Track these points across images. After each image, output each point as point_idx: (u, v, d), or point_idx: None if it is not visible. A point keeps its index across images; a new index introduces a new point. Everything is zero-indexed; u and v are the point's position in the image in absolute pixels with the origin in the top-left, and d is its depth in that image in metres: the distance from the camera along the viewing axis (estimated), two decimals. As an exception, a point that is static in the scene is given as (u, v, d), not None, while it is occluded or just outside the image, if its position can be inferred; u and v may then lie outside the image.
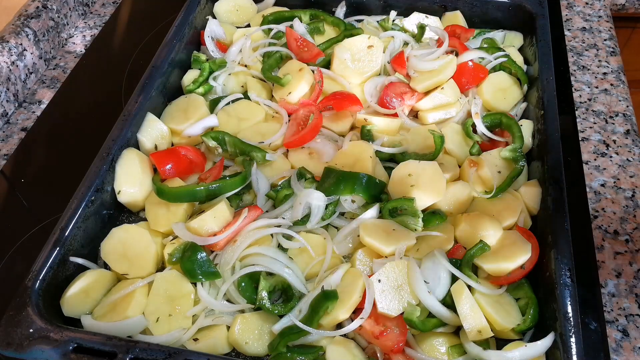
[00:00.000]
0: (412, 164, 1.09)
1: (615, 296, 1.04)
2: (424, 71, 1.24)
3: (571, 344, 0.84)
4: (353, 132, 1.21)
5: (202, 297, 0.98)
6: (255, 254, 1.01)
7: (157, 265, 1.04)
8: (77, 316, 0.97)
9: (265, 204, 1.11)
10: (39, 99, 1.45)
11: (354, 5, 1.49)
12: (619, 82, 1.39)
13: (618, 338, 0.99)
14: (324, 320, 0.94)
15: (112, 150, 1.09)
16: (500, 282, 0.98)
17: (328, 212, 1.06)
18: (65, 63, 1.55)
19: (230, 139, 1.16)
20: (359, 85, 1.28)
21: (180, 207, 1.07)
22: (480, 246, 0.99)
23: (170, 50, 1.28)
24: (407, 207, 1.03)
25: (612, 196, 1.18)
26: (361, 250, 1.02)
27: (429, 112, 1.21)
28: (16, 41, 1.42)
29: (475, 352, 0.89)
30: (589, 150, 1.26)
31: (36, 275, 0.93)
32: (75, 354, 0.85)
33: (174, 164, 1.12)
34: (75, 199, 1.02)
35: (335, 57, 1.29)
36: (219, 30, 1.42)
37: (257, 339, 0.95)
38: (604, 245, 1.11)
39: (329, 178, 1.08)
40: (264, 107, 1.26)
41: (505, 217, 1.04)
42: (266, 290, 0.97)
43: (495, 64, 1.29)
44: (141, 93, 1.19)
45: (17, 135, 1.37)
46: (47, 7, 1.53)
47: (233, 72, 1.33)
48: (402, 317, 0.93)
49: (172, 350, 0.85)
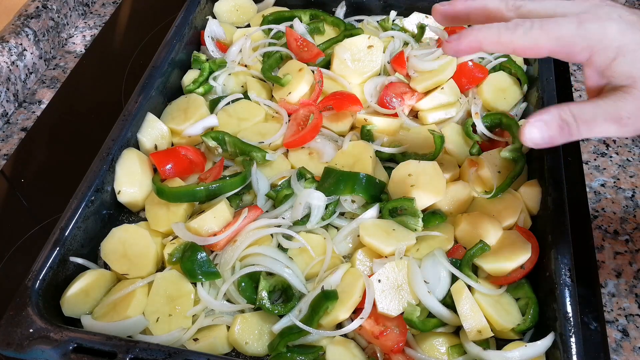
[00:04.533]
0: (412, 164, 1.09)
1: (615, 296, 1.04)
2: (424, 71, 1.24)
3: (571, 344, 0.84)
4: (353, 132, 1.22)
5: (202, 297, 0.98)
6: (255, 254, 1.01)
7: (157, 265, 1.04)
8: (77, 316, 0.97)
9: (265, 204, 1.11)
10: (39, 99, 1.45)
11: (354, 5, 1.49)
12: (619, 82, 1.39)
13: (618, 338, 0.99)
14: (324, 320, 0.94)
15: (112, 150, 1.09)
16: (500, 282, 0.98)
17: (328, 212, 1.06)
18: (65, 63, 1.55)
19: (230, 139, 1.16)
20: (359, 85, 1.28)
21: (180, 207, 1.07)
22: (480, 246, 0.99)
23: (170, 50, 1.28)
24: (407, 207, 1.03)
25: (612, 196, 1.18)
26: (361, 250, 1.02)
27: (429, 112, 1.21)
28: (16, 41, 1.42)
29: (475, 352, 0.89)
30: (589, 150, 1.26)
31: (36, 275, 0.93)
32: (75, 354, 0.85)
33: (174, 164, 1.12)
34: (75, 199, 1.02)
35: (335, 57, 1.29)
36: (219, 30, 1.42)
37: (257, 339, 0.95)
38: (604, 245, 1.11)
39: (329, 178, 1.08)
40: (264, 107, 1.26)
41: (505, 217, 1.04)
42: (266, 290, 0.97)
43: (495, 64, 1.29)
44: (141, 93, 1.19)
45: (17, 135, 1.37)
46: (47, 7, 1.53)
47: (233, 72, 1.33)
48: (402, 317, 0.93)
49: (172, 350, 0.85)
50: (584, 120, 0.74)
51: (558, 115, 0.74)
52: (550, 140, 0.75)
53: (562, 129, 0.74)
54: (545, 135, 0.74)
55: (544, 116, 0.74)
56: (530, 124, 0.74)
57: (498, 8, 0.81)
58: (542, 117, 0.74)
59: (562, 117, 0.74)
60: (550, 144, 0.75)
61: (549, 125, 0.74)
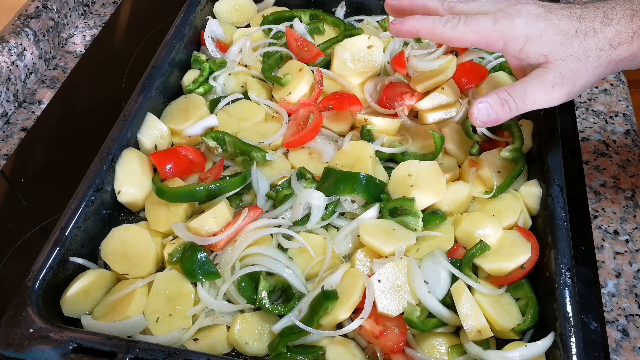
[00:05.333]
0: (412, 164, 1.09)
1: (615, 296, 1.04)
2: (424, 71, 1.24)
3: (571, 344, 0.84)
4: (353, 132, 1.21)
5: (202, 297, 0.98)
6: (255, 254, 1.01)
7: (157, 265, 1.04)
8: (77, 316, 0.97)
9: (265, 204, 1.11)
10: (39, 99, 1.45)
11: (354, 5, 1.49)
12: (619, 82, 1.39)
13: (618, 338, 0.99)
14: (324, 320, 0.94)
15: (112, 150, 1.09)
16: (500, 282, 0.98)
17: (328, 212, 1.06)
18: (65, 63, 1.55)
19: (230, 139, 1.16)
20: (359, 85, 1.28)
21: (180, 207, 1.07)
22: (480, 246, 0.99)
23: (170, 50, 1.28)
24: (407, 207, 1.03)
25: (612, 196, 1.18)
26: (361, 250, 1.02)
27: (429, 112, 1.21)
28: (16, 41, 1.42)
29: (475, 352, 0.89)
30: (589, 150, 1.26)
31: (36, 275, 0.93)
32: (75, 354, 0.85)
33: (174, 164, 1.12)
34: (75, 199, 1.02)
35: (335, 57, 1.29)
36: (219, 30, 1.42)
37: (257, 339, 0.95)
38: (604, 245, 1.11)
39: (329, 178, 1.08)
40: (264, 107, 1.26)
41: (505, 217, 1.04)
42: (266, 290, 0.97)
43: (495, 64, 1.29)
44: (141, 93, 1.19)
45: (17, 135, 1.37)
46: (47, 7, 1.53)
47: (233, 72, 1.33)
48: (402, 317, 0.93)
49: (172, 350, 0.85)
50: (518, 96, 0.92)
51: (497, 96, 0.93)
52: (496, 116, 0.93)
53: (503, 105, 0.92)
54: (492, 113, 0.93)
55: (486, 98, 0.93)
56: (475, 106, 0.93)
57: (435, 7, 1.01)
58: (484, 98, 0.93)
59: (500, 96, 0.93)
60: (496, 121, 0.93)
61: (492, 104, 0.93)
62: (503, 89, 0.93)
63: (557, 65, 0.91)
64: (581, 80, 0.92)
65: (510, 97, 0.92)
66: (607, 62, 0.92)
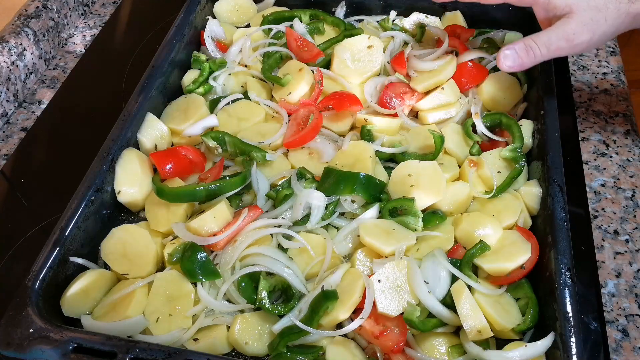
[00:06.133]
0: (412, 164, 1.09)
1: (615, 296, 1.04)
2: (424, 71, 1.24)
3: (571, 344, 0.84)
4: (353, 132, 1.21)
5: (202, 297, 0.98)
6: (255, 254, 1.01)
7: (157, 265, 1.04)
8: (77, 316, 0.97)
9: (265, 204, 1.11)
10: (39, 99, 1.45)
11: (354, 5, 1.49)
12: (619, 82, 1.39)
13: (618, 338, 0.99)
14: (324, 320, 0.94)
15: (112, 150, 1.09)
16: (500, 282, 0.98)
17: (328, 212, 1.06)
18: (65, 63, 1.55)
19: (230, 139, 1.16)
20: (359, 85, 1.28)
21: (180, 207, 1.07)
22: (480, 246, 0.99)
23: (170, 50, 1.28)
24: (407, 207, 1.03)
25: (612, 196, 1.18)
26: (361, 250, 1.02)
27: (429, 112, 1.21)
28: (16, 41, 1.42)
29: (475, 352, 0.89)
30: (589, 150, 1.26)
31: (36, 275, 0.93)
32: (75, 354, 0.85)
33: (174, 164, 1.12)
34: (75, 199, 1.02)
35: (335, 57, 1.29)
36: (219, 30, 1.42)
37: (257, 339, 0.95)
38: (604, 245, 1.11)
39: (329, 178, 1.08)
40: (264, 107, 1.26)
41: (505, 217, 1.04)
42: (266, 290, 0.97)
43: (495, 64, 1.29)
44: (141, 93, 1.19)
45: (17, 135, 1.37)
46: (47, 7, 1.53)
47: (233, 72, 1.33)
48: (402, 317, 0.93)
49: (172, 350, 0.85)
50: (542, 43, 1.03)
51: (523, 43, 1.04)
52: (521, 62, 1.05)
53: (528, 52, 1.04)
54: (517, 58, 1.04)
55: (513, 45, 1.05)
56: (503, 52, 1.05)
57: None
58: (512, 45, 1.05)
59: (526, 43, 1.04)
60: (521, 66, 1.05)
61: (518, 51, 1.04)
62: (529, 37, 1.04)
63: (580, 15, 1.00)
64: (600, 29, 1.01)
65: (535, 44, 1.03)
66: (626, 14, 1.00)
